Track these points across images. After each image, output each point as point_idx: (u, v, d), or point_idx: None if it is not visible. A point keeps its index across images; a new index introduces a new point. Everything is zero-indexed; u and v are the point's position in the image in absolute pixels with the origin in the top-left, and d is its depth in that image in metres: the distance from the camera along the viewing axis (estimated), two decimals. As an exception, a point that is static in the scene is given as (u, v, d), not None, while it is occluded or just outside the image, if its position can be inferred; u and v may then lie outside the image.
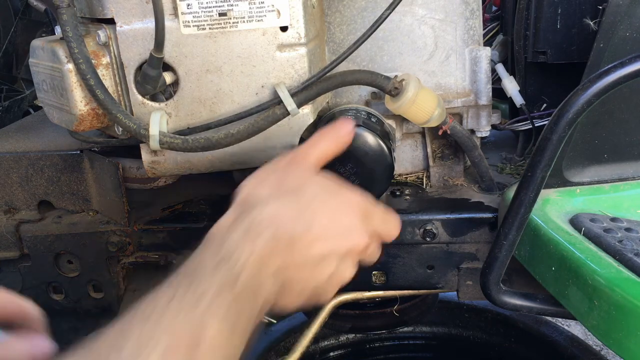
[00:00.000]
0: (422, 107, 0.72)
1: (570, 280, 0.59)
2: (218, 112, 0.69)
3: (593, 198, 0.71)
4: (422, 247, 0.80)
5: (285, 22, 0.66)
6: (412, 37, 0.82)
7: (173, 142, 0.67)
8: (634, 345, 0.52)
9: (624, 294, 0.53)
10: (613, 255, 0.58)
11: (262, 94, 0.68)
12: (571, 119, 0.60)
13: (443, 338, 1.31)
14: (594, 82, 0.59)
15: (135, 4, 0.65)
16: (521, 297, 0.69)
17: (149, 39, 0.65)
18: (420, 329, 1.31)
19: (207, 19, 0.65)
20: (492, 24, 1.02)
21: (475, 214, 0.78)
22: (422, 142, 0.87)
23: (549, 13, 0.82)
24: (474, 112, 0.83)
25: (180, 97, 0.69)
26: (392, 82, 0.71)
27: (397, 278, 0.83)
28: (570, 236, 0.62)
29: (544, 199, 0.69)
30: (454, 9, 0.81)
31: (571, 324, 1.66)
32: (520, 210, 0.64)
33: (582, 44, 0.81)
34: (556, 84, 0.89)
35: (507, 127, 0.91)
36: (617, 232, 0.62)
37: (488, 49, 0.82)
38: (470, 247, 0.79)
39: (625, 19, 0.66)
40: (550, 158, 0.62)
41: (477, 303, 1.29)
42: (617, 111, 0.71)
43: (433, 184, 0.87)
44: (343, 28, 0.82)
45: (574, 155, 0.71)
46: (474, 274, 0.80)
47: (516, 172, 0.91)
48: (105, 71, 0.68)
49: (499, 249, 0.66)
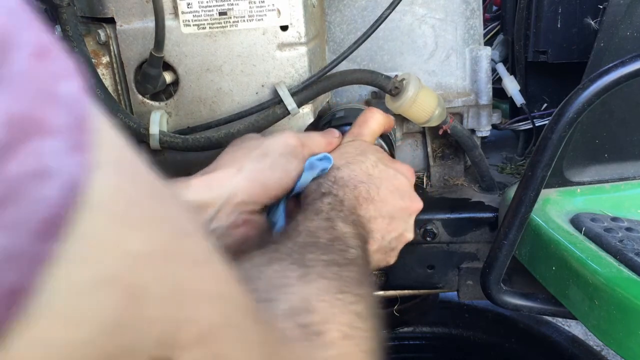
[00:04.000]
0: (423, 106, 0.72)
1: (571, 279, 0.59)
2: (218, 112, 0.69)
3: (594, 198, 0.71)
4: (423, 246, 0.80)
5: (285, 21, 0.66)
6: (412, 36, 0.82)
7: (173, 141, 0.67)
8: (634, 345, 0.52)
9: (625, 293, 0.52)
10: (614, 254, 0.58)
11: (262, 93, 0.68)
12: (572, 118, 0.60)
13: (443, 338, 1.31)
14: (595, 81, 0.59)
15: (136, 3, 0.65)
16: (521, 296, 0.69)
17: (149, 38, 0.65)
18: (420, 329, 1.31)
19: (207, 18, 0.65)
20: (492, 24, 1.02)
21: (476, 214, 0.78)
22: (423, 141, 0.87)
23: (549, 13, 0.82)
24: (474, 112, 0.83)
25: (180, 96, 0.69)
26: (392, 81, 0.71)
27: (397, 278, 0.83)
28: (570, 236, 0.62)
29: (545, 198, 0.69)
30: (454, 9, 0.81)
31: (572, 324, 1.66)
32: (521, 210, 0.64)
33: (582, 43, 0.81)
34: (557, 83, 0.89)
35: (508, 127, 0.91)
36: (618, 231, 0.62)
37: (488, 49, 0.82)
38: (471, 247, 0.79)
39: (625, 19, 0.66)
40: (551, 158, 0.62)
41: (477, 303, 1.28)
42: (617, 111, 0.71)
43: (433, 184, 0.87)
44: (343, 27, 0.82)
45: (575, 155, 0.71)
46: (474, 274, 0.80)
47: (517, 171, 0.91)
48: (105, 70, 0.68)
49: (499, 248, 0.66)
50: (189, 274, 0.23)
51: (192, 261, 0.23)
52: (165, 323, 0.21)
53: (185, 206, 0.25)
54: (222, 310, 0.25)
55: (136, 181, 0.21)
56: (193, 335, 0.22)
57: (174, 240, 0.22)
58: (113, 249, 0.19)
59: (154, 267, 0.21)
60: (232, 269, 0.28)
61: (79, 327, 0.18)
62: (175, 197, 0.24)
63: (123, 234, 0.20)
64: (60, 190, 0.17)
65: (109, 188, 0.19)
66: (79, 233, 0.18)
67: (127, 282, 0.19)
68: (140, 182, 0.21)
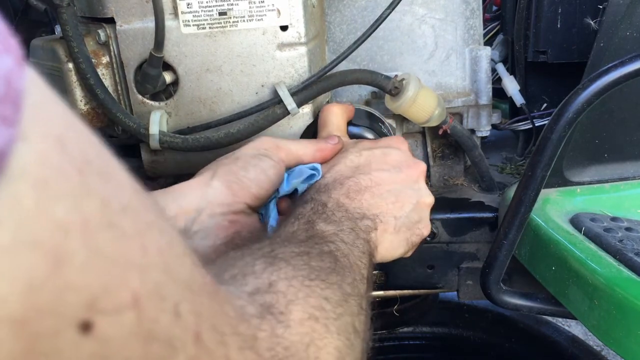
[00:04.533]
0: (422, 106, 0.72)
1: (571, 279, 0.59)
2: (218, 112, 0.69)
3: (593, 198, 0.71)
4: (422, 246, 0.80)
5: (285, 21, 0.66)
6: (412, 36, 0.82)
7: (173, 141, 0.67)
8: (634, 345, 0.52)
9: (624, 293, 0.52)
10: (613, 254, 0.58)
11: (262, 93, 0.68)
12: (571, 118, 0.60)
13: (443, 338, 1.31)
14: (594, 81, 0.59)
15: (135, 3, 0.65)
16: (521, 296, 0.69)
17: (149, 38, 0.65)
18: (420, 329, 1.31)
19: (207, 18, 0.65)
20: (492, 24, 1.02)
21: (476, 214, 0.78)
22: (423, 141, 0.87)
23: (549, 13, 0.82)
24: (474, 112, 0.83)
25: (180, 96, 0.69)
26: (392, 81, 0.71)
27: (397, 278, 0.83)
28: (570, 236, 0.62)
29: (544, 198, 0.69)
30: (454, 9, 0.81)
31: (571, 324, 1.66)
32: (521, 210, 0.64)
33: (582, 43, 0.81)
34: (557, 83, 0.89)
35: (508, 127, 0.91)
36: (618, 231, 0.62)
37: (488, 49, 0.82)
38: (471, 246, 0.79)
39: (625, 19, 0.66)
40: (551, 158, 0.62)
41: (477, 303, 1.28)
42: (617, 110, 0.71)
43: (433, 184, 0.87)
44: (343, 27, 0.82)
45: (574, 154, 0.71)
46: (474, 274, 0.80)
47: (516, 171, 0.91)
48: (105, 70, 0.68)
49: (499, 248, 0.66)
50: (115, 245, 0.24)
51: (122, 233, 0.24)
52: (88, 289, 0.22)
53: (129, 184, 0.26)
54: (152, 279, 0.25)
55: (66, 153, 0.22)
56: (117, 302, 0.23)
57: (102, 213, 0.23)
58: (35, 216, 0.20)
59: (78, 235, 0.22)
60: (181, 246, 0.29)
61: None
62: (116, 173, 0.26)
63: (47, 202, 0.21)
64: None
65: (36, 159, 0.20)
66: (1, 199, 0.19)
67: (49, 247, 0.20)
68: (72, 155, 0.22)
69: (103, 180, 0.24)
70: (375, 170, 0.59)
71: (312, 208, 0.53)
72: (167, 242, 0.28)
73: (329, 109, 0.68)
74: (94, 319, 0.22)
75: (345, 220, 0.53)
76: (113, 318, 0.23)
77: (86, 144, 0.24)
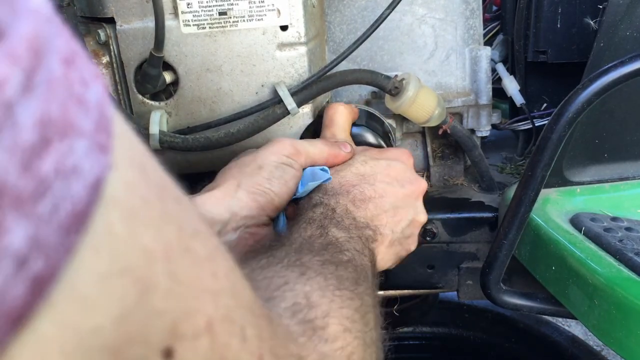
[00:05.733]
0: (422, 106, 0.72)
1: (571, 279, 0.59)
2: (218, 112, 0.69)
3: (593, 197, 0.71)
4: (422, 246, 0.80)
5: (285, 21, 0.66)
6: (412, 36, 0.82)
7: (173, 141, 0.67)
8: (634, 345, 0.52)
9: (624, 293, 0.52)
10: (613, 254, 0.58)
11: (262, 93, 0.68)
12: (571, 118, 0.60)
13: (443, 338, 1.31)
14: (594, 81, 0.59)
15: (135, 3, 0.65)
16: (521, 296, 0.69)
17: (149, 38, 0.65)
18: (420, 329, 1.31)
19: (207, 18, 0.65)
20: (492, 24, 1.02)
21: (476, 214, 0.78)
22: (422, 141, 0.87)
23: (549, 12, 0.82)
24: (474, 112, 0.83)
25: (180, 96, 0.69)
26: (392, 81, 0.71)
27: (397, 278, 0.83)
28: (570, 235, 0.62)
29: (544, 198, 0.69)
30: (454, 9, 0.81)
31: (571, 324, 1.66)
32: (521, 210, 0.64)
33: (582, 43, 0.81)
34: (556, 83, 0.89)
35: (507, 127, 0.91)
36: (618, 231, 0.62)
37: (488, 49, 0.82)
38: (471, 246, 0.79)
39: (625, 19, 0.66)
40: (551, 157, 0.62)
41: (477, 303, 1.28)
42: (617, 110, 0.71)
43: (433, 184, 0.87)
44: (343, 27, 0.82)
45: (574, 154, 0.71)
46: (474, 274, 0.80)
47: (516, 171, 0.91)
48: (105, 70, 0.68)
49: (499, 248, 0.66)
50: (192, 270, 0.24)
51: (196, 258, 0.24)
52: (171, 315, 0.22)
53: (192, 206, 0.27)
54: (224, 304, 0.26)
55: (148, 181, 0.23)
56: (194, 327, 0.23)
57: (180, 238, 0.23)
58: (126, 244, 0.20)
59: (162, 262, 0.22)
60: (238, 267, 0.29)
61: (94, 314, 0.19)
62: (183, 197, 0.26)
63: (136, 230, 0.21)
64: (85, 188, 0.19)
65: (124, 187, 0.21)
66: (98, 227, 0.19)
67: (138, 274, 0.21)
68: (152, 182, 0.23)
69: (177, 205, 0.24)
70: (379, 181, 0.59)
71: (322, 212, 0.53)
72: (231, 265, 0.28)
73: (335, 108, 0.68)
74: (175, 345, 0.22)
75: (353, 228, 0.53)
76: (191, 344, 0.23)
77: (160, 170, 0.25)
